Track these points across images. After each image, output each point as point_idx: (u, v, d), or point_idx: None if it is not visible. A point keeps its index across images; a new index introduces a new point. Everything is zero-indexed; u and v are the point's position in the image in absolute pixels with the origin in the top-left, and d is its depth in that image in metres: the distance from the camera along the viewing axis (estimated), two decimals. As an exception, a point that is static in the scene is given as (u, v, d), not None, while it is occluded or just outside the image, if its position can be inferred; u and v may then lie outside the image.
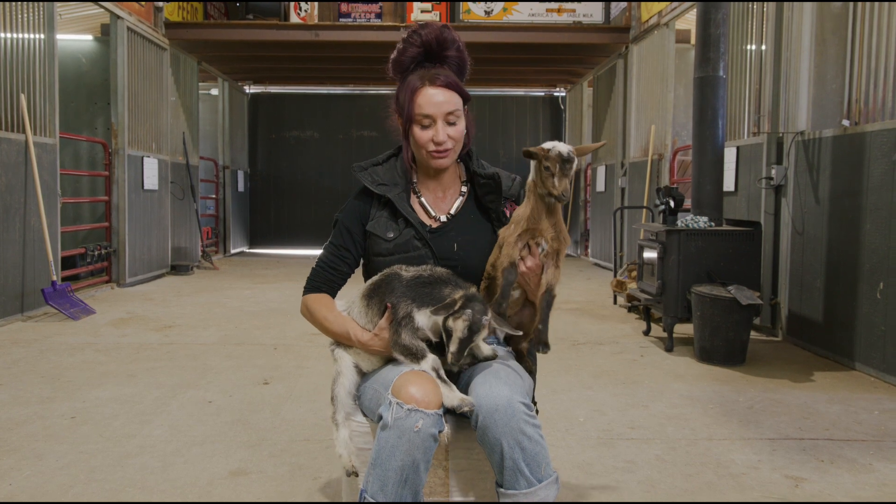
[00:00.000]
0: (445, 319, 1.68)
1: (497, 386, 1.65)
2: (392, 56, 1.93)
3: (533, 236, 1.78)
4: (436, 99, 1.84)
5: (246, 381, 3.78)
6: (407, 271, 1.80)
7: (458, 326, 1.66)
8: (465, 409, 1.65)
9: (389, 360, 1.84)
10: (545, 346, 1.79)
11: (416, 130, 1.87)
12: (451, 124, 1.87)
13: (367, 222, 1.95)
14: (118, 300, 6.43)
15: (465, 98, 1.91)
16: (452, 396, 1.66)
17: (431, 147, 1.87)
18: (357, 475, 1.78)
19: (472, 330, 1.65)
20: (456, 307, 1.66)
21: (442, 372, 1.71)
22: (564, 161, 1.71)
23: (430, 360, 1.71)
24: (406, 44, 1.90)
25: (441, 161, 1.89)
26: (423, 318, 1.73)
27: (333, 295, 1.97)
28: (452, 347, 1.66)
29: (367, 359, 1.86)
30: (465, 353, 1.68)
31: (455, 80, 1.89)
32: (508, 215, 1.95)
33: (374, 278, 1.87)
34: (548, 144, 1.75)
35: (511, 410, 1.61)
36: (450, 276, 1.77)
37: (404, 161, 1.96)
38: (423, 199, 1.97)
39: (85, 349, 4.46)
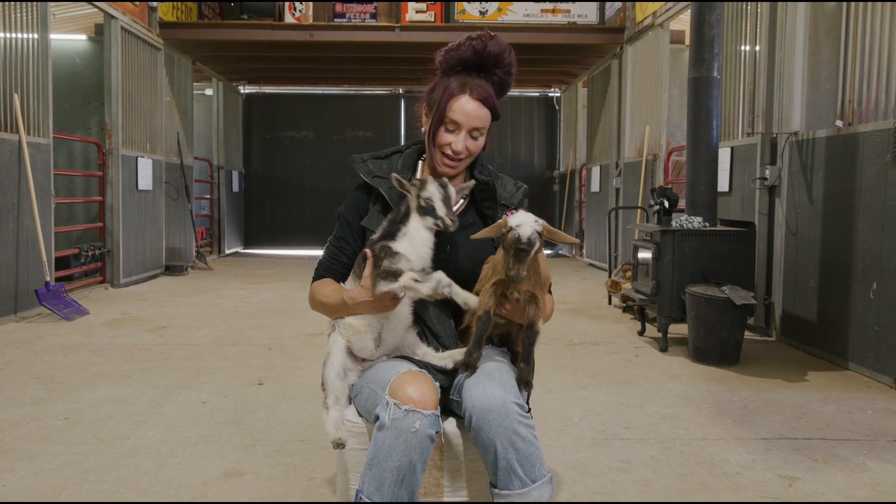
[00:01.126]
0: (418, 199, 1.75)
1: (490, 386, 1.65)
2: (445, 52, 1.91)
3: (507, 286, 1.74)
4: (467, 108, 1.84)
5: (240, 381, 3.77)
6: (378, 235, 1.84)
7: (432, 190, 1.76)
8: (444, 290, 1.67)
9: (381, 333, 1.83)
10: (527, 385, 1.75)
11: (441, 131, 1.88)
12: (473, 138, 1.88)
13: (366, 216, 1.95)
14: (112, 301, 6.41)
15: (496, 117, 1.91)
16: (427, 284, 1.68)
17: (448, 151, 1.87)
18: (343, 447, 1.77)
19: (443, 186, 1.77)
20: (419, 185, 1.77)
21: (418, 277, 1.71)
22: (518, 249, 1.61)
23: (408, 273, 1.71)
24: (468, 40, 1.88)
25: (449, 170, 1.90)
26: (401, 244, 1.75)
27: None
28: (440, 211, 1.74)
29: (356, 331, 1.83)
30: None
31: (492, 96, 1.88)
32: None
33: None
34: (514, 219, 1.65)
35: (505, 411, 1.61)
36: (401, 213, 1.81)
37: (426, 149, 1.95)
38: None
39: (79, 350, 4.44)
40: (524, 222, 1.64)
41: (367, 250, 1.77)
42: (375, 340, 1.84)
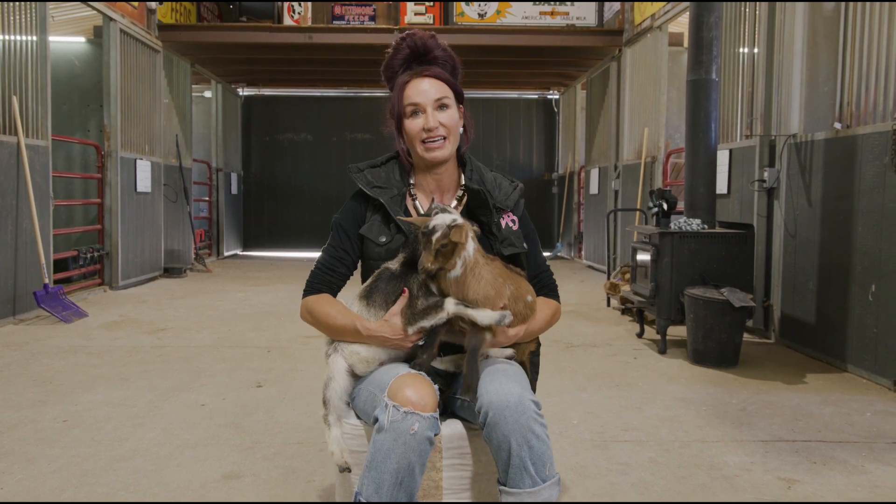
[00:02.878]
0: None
1: (507, 383, 1.64)
2: (383, 64, 1.95)
3: (456, 324, 1.76)
4: (422, 87, 1.86)
5: (239, 383, 3.76)
6: (393, 264, 1.83)
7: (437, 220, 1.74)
8: (506, 321, 1.70)
9: (384, 363, 1.83)
10: (472, 393, 1.65)
11: (407, 123, 1.87)
12: (441, 110, 1.86)
13: (363, 225, 1.93)
14: (111, 303, 6.41)
15: (458, 92, 1.91)
16: (489, 314, 1.69)
17: (423, 136, 1.85)
18: (350, 471, 1.77)
19: (441, 208, 1.77)
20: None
21: (462, 304, 1.71)
22: (422, 233, 1.68)
23: (450, 300, 1.71)
24: (395, 49, 1.92)
25: (436, 152, 1.87)
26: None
27: (334, 296, 1.94)
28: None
29: (363, 360, 1.82)
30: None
31: (445, 74, 1.90)
32: (504, 226, 1.90)
33: (368, 281, 1.87)
34: (436, 217, 1.71)
35: (521, 408, 1.61)
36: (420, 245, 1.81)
37: (402, 161, 1.95)
38: (418, 202, 1.95)
39: (77, 352, 4.44)
40: (440, 219, 1.68)
41: (405, 289, 1.76)
42: (378, 361, 1.84)
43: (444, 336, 1.78)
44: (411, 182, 1.97)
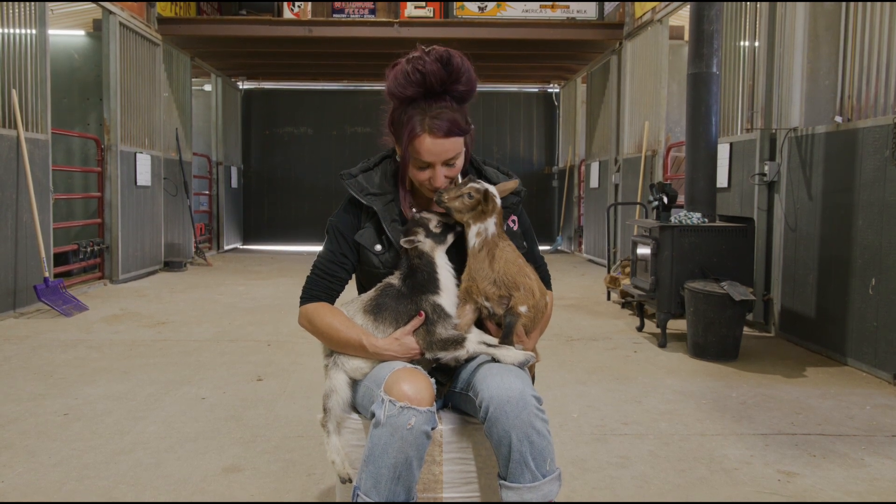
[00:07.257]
0: (427, 236, 1.79)
1: (509, 378, 1.64)
2: (388, 84, 1.78)
3: (475, 296, 1.74)
4: (435, 149, 1.74)
5: (239, 377, 3.77)
6: (395, 279, 1.82)
7: (427, 216, 1.82)
8: (533, 361, 1.71)
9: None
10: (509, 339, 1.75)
11: (413, 169, 1.80)
12: (450, 166, 1.79)
13: (358, 231, 1.89)
14: (111, 297, 6.41)
15: (468, 132, 1.80)
16: (513, 354, 1.71)
17: (428, 185, 1.81)
18: (351, 481, 1.76)
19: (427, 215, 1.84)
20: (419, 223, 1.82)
21: (487, 338, 1.75)
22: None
23: (474, 334, 1.74)
24: (413, 70, 1.73)
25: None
26: (444, 297, 1.78)
27: (333, 303, 1.90)
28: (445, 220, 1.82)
29: (361, 373, 1.81)
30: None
31: (458, 122, 1.74)
32: (505, 229, 1.86)
33: (371, 294, 1.84)
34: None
35: (523, 403, 1.60)
36: (423, 261, 1.80)
37: (401, 176, 1.88)
38: (415, 209, 1.92)
39: (77, 346, 4.44)
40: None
41: (421, 312, 1.75)
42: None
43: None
44: (409, 188, 1.90)
